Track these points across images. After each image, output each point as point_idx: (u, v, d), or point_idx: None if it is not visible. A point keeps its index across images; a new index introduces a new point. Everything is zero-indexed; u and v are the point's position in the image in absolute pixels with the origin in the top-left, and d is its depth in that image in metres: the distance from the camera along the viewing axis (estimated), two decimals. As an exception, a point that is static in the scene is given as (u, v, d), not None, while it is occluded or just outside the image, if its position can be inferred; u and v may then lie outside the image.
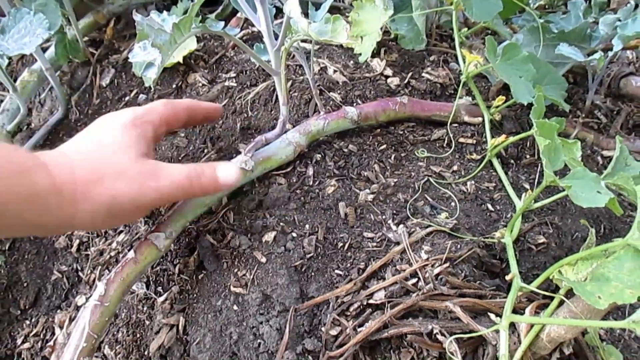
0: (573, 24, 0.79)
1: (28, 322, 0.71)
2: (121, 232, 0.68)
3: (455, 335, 0.50)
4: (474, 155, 0.70)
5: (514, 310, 0.51)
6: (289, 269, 0.57)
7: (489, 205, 0.65)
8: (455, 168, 0.68)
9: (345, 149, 0.68)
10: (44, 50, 0.84)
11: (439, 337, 0.50)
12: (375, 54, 0.80)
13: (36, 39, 0.68)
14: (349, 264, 0.58)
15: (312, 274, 0.58)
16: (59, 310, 0.70)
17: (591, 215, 0.68)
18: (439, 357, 0.51)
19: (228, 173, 0.55)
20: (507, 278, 0.54)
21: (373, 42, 0.61)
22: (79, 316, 0.52)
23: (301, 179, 0.65)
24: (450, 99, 0.76)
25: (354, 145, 0.68)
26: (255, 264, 0.59)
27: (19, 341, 0.70)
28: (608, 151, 0.78)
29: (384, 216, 0.61)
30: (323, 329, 0.54)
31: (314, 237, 0.59)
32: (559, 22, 0.80)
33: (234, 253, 0.60)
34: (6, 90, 0.82)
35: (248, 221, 0.62)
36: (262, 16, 0.57)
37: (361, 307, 0.54)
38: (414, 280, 0.55)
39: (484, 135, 0.71)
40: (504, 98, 0.70)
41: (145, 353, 0.60)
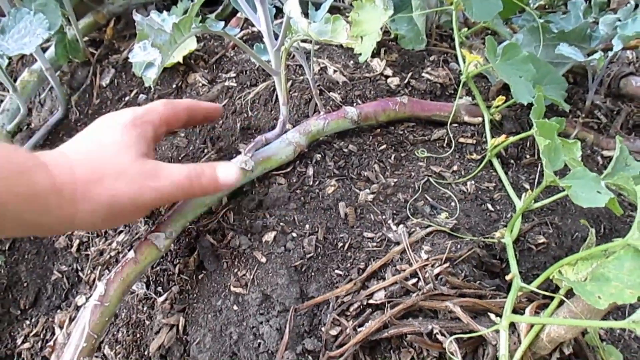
0: (573, 24, 0.79)
1: (28, 322, 0.71)
2: (121, 232, 0.68)
3: (455, 335, 0.50)
4: (474, 155, 0.70)
5: (514, 310, 0.51)
6: (289, 269, 0.57)
7: (489, 205, 0.65)
8: (455, 168, 0.68)
9: (345, 149, 0.68)
10: (44, 50, 0.84)
11: (439, 337, 0.50)
12: (375, 54, 0.80)
13: (36, 39, 0.68)
14: (349, 264, 0.58)
15: (312, 274, 0.58)
16: (59, 310, 0.70)
17: (591, 215, 0.68)
18: (439, 357, 0.51)
19: (228, 173, 0.55)
20: (507, 278, 0.54)
21: (373, 42, 0.61)
22: (79, 316, 0.52)
23: (301, 179, 0.65)
24: (450, 99, 0.76)
25: (354, 145, 0.68)
26: (255, 264, 0.59)
27: (19, 341, 0.70)
28: (608, 151, 0.78)
29: (384, 216, 0.61)
30: (323, 329, 0.54)
31: (314, 237, 0.59)
32: (559, 22, 0.80)
33: (234, 253, 0.60)
34: (6, 90, 0.82)
35: (248, 221, 0.62)
36: (262, 16, 0.57)
37: (361, 307, 0.54)
38: (414, 280, 0.55)
39: (484, 135, 0.71)
40: (504, 98, 0.70)
41: (145, 353, 0.60)
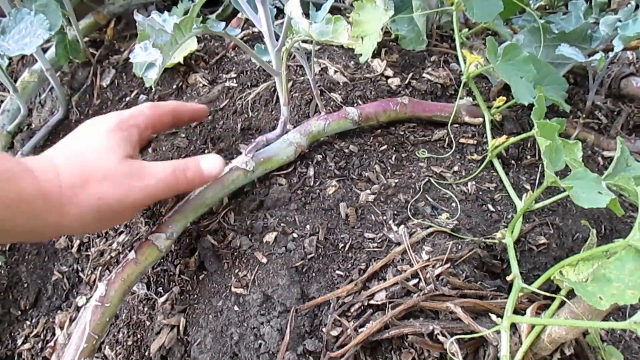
0: (574, 24, 0.79)
1: (28, 323, 0.71)
2: (122, 233, 0.68)
3: (456, 335, 0.50)
4: (475, 156, 0.70)
5: (515, 311, 0.51)
6: (290, 270, 0.57)
7: (490, 206, 0.65)
8: (456, 168, 0.68)
9: (346, 150, 0.68)
10: (44, 50, 0.84)
11: (440, 338, 0.50)
12: (375, 54, 0.80)
13: (37, 40, 0.68)
14: (349, 265, 0.58)
15: (313, 274, 0.58)
16: (59, 311, 0.70)
17: (592, 216, 0.68)
18: (440, 358, 0.51)
19: (212, 165, 0.55)
20: (508, 279, 0.54)
21: (374, 43, 0.61)
22: (80, 317, 0.52)
23: (302, 179, 0.65)
24: (451, 100, 0.76)
25: (354, 146, 0.68)
26: (256, 265, 0.58)
27: (19, 342, 0.70)
28: (609, 152, 0.78)
29: (385, 217, 0.61)
30: (324, 329, 0.54)
31: (314, 238, 0.59)
32: (559, 23, 0.80)
33: (235, 253, 0.60)
34: (6, 90, 0.82)
35: (249, 222, 0.62)
36: (263, 17, 0.57)
37: (362, 308, 0.54)
38: (415, 280, 0.55)
39: (484, 135, 0.71)
40: (505, 99, 0.70)
41: (145, 354, 0.60)
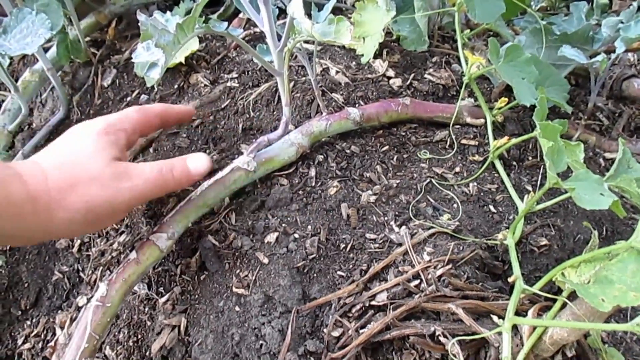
0: (575, 26, 0.79)
1: (29, 323, 0.71)
2: (123, 233, 0.68)
3: (458, 337, 0.50)
4: (477, 157, 0.70)
5: (517, 313, 0.51)
6: (291, 270, 0.57)
7: (491, 207, 0.65)
8: (457, 169, 0.68)
9: (348, 150, 0.68)
10: (45, 50, 0.84)
11: (442, 339, 0.50)
12: (377, 55, 0.80)
13: (38, 39, 0.68)
14: (351, 265, 0.58)
15: (315, 275, 0.58)
16: (59, 311, 0.70)
17: (593, 218, 0.68)
18: (441, 359, 0.51)
19: (199, 163, 0.56)
20: (510, 280, 0.54)
21: (375, 43, 0.61)
22: (81, 317, 0.52)
23: (303, 180, 0.65)
24: (453, 101, 0.76)
25: (356, 147, 0.68)
26: (257, 265, 0.58)
27: (19, 341, 0.70)
28: (610, 153, 0.78)
29: (386, 217, 0.61)
30: (325, 330, 0.54)
31: (316, 238, 0.59)
32: (561, 24, 0.80)
33: (236, 254, 0.60)
34: (8, 90, 0.81)
35: (250, 222, 0.62)
36: (266, 17, 0.57)
37: (363, 309, 0.54)
38: (417, 281, 0.54)
39: (486, 136, 0.71)
40: (507, 100, 0.70)
41: (146, 354, 0.60)
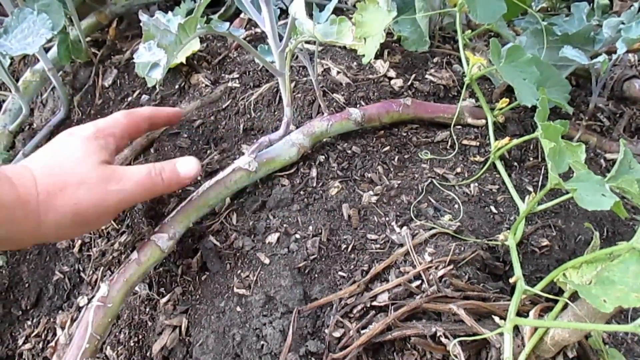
0: (576, 26, 0.79)
1: (29, 323, 0.71)
2: (123, 233, 0.68)
3: (459, 337, 0.50)
4: (478, 158, 0.70)
5: (518, 313, 0.51)
6: (293, 271, 0.57)
7: (493, 208, 0.65)
8: (458, 170, 0.68)
9: (349, 151, 0.68)
10: (46, 50, 0.84)
11: (443, 340, 0.50)
12: (378, 55, 0.80)
13: (39, 39, 0.68)
14: (352, 266, 0.58)
15: (316, 275, 0.57)
16: (60, 311, 0.70)
17: (594, 219, 0.68)
18: (443, 360, 0.51)
19: (188, 167, 0.57)
20: (511, 281, 0.54)
21: (376, 44, 0.61)
22: (82, 317, 0.52)
23: (305, 180, 0.65)
24: (454, 101, 0.76)
25: (357, 147, 0.68)
26: (258, 266, 0.58)
27: (20, 342, 0.70)
28: (611, 154, 0.78)
29: (388, 218, 0.61)
30: (326, 330, 0.54)
31: (317, 239, 0.59)
32: (562, 25, 0.80)
33: (237, 254, 0.60)
34: (8, 90, 0.81)
35: (251, 222, 0.62)
36: (267, 17, 0.57)
37: (365, 309, 0.54)
38: (418, 282, 0.54)
39: (487, 137, 0.71)
40: (508, 100, 0.70)
41: (147, 354, 0.60)
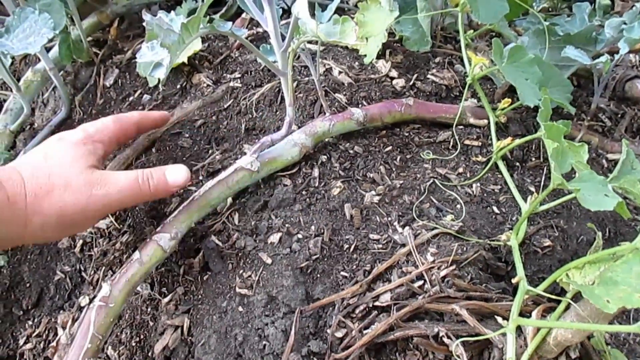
0: (578, 26, 0.78)
1: (30, 323, 0.71)
2: (125, 233, 0.68)
3: (462, 338, 0.50)
4: (480, 158, 0.70)
5: (521, 314, 0.50)
6: (295, 271, 0.57)
7: (495, 208, 0.65)
8: (460, 170, 0.68)
9: (351, 151, 0.68)
10: (47, 50, 0.84)
11: (445, 340, 0.50)
12: (380, 55, 0.80)
13: (41, 39, 0.68)
14: (354, 266, 0.58)
15: (318, 275, 0.57)
16: (61, 311, 0.70)
17: (596, 219, 0.68)
18: (445, 360, 0.51)
19: (177, 175, 0.57)
20: (514, 281, 0.53)
21: (378, 44, 0.61)
22: (84, 317, 0.52)
23: (307, 180, 0.65)
24: (456, 101, 0.76)
25: (359, 147, 0.68)
26: (260, 265, 0.58)
27: (21, 341, 0.70)
28: (613, 154, 0.78)
29: (390, 218, 0.61)
30: (329, 331, 0.54)
31: (319, 239, 0.59)
32: (564, 25, 0.80)
33: (239, 254, 0.60)
34: (10, 89, 0.81)
35: (253, 222, 0.62)
36: (270, 17, 0.57)
37: (367, 310, 0.54)
38: (420, 282, 0.54)
39: (489, 137, 0.71)
40: (510, 100, 0.70)
41: (149, 354, 0.60)
